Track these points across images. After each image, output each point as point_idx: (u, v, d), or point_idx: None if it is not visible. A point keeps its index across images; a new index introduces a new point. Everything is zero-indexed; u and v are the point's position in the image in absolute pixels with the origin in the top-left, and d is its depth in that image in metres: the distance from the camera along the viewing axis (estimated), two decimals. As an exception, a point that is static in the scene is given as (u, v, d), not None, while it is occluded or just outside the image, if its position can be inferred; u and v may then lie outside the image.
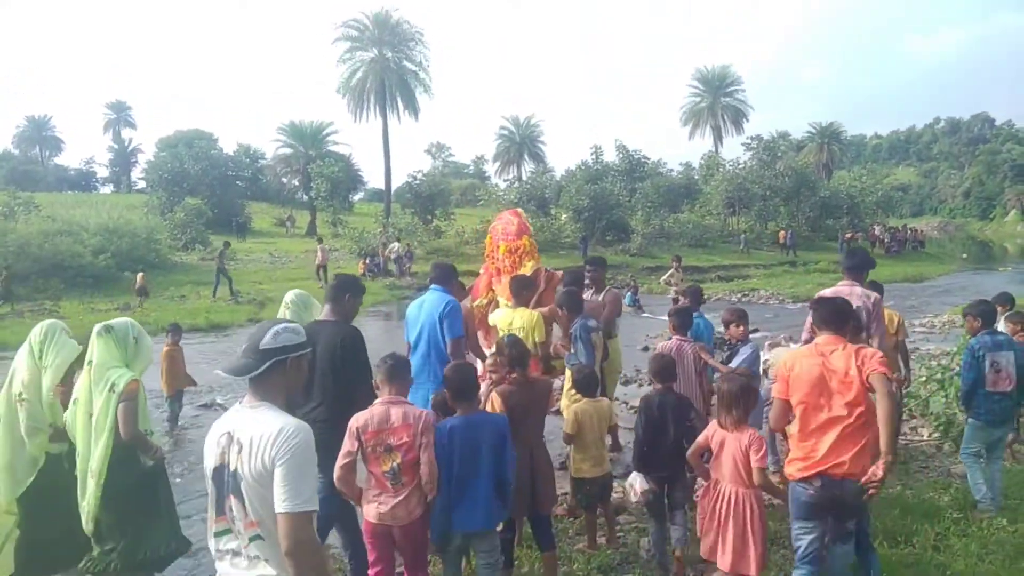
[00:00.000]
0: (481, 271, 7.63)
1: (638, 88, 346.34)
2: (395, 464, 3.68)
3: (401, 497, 3.71)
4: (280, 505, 2.35)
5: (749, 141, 56.01)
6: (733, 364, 5.75)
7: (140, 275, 21.22)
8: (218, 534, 2.55)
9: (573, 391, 5.53)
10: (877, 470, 3.64)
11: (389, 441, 3.68)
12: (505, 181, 63.52)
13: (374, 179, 59.93)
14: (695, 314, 6.63)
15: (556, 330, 6.30)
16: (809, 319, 4.31)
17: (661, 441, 4.63)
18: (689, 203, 45.97)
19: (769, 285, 26.17)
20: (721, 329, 6.64)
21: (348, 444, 3.69)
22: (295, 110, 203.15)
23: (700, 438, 4.22)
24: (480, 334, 6.91)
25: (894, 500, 5.66)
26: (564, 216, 38.01)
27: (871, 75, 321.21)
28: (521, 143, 70.91)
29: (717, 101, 63.97)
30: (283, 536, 2.35)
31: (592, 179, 42.86)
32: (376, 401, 3.81)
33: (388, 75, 46.01)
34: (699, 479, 4.63)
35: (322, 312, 4.67)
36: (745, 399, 4.12)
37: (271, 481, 2.37)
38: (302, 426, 2.47)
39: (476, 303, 7.39)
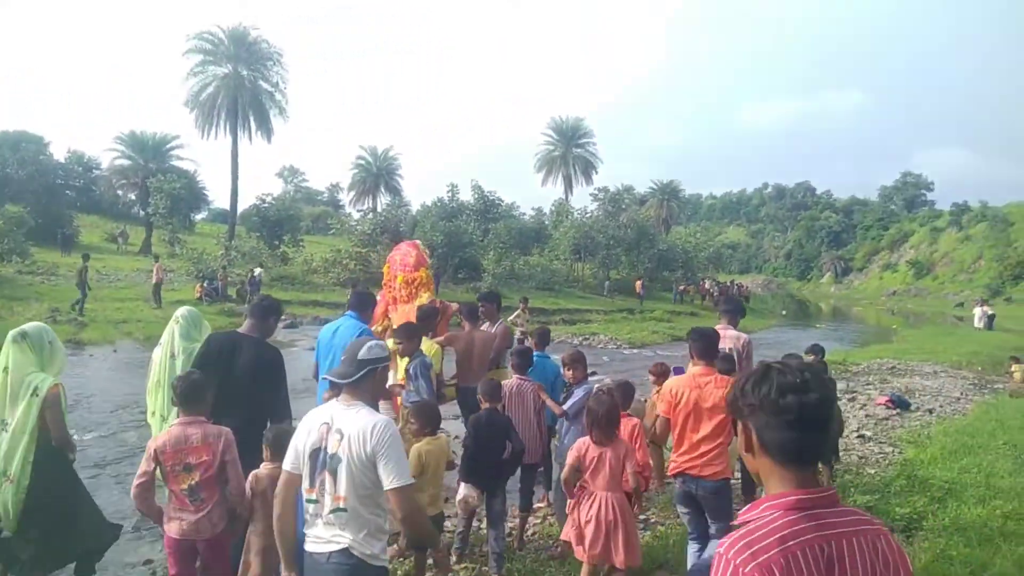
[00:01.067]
0: (378, 298, 7.77)
1: (497, 131, 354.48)
2: (193, 482, 3.87)
3: (202, 513, 3.90)
4: (389, 483, 2.91)
5: (597, 192, 58.65)
6: (567, 405, 5.94)
7: None
8: (309, 501, 3.09)
9: (413, 427, 5.56)
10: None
11: (188, 460, 3.87)
12: (359, 211, 62.71)
13: (220, 199, 57.11)
14: (540, 355, 6.81)
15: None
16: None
17: (486, 455, 5.08)
18: (539, 247, 47.22)
19: (608, 330, 27.26)
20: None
21: (145, 465, 3.87)
22: (136, 119, 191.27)
23: (572, 459, 4.61)
24: None
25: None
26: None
27: (709, 139, 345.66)
28: (378, 174, 70.34)
29: (569, 151, 66.22)
30: (396, 507, 2.95)
31: (447, 216, 43.21)
32: (174, 422, 4.00)
33: (241, 93, 44.35)
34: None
35: (243, 327, 4.92)
36: (612, 416, 4.65)
37: (371, 466, 2.93)
38: (390, 420, 3.08)
39: (372, 329, 7.42)
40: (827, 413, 1.59)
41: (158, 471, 3.88)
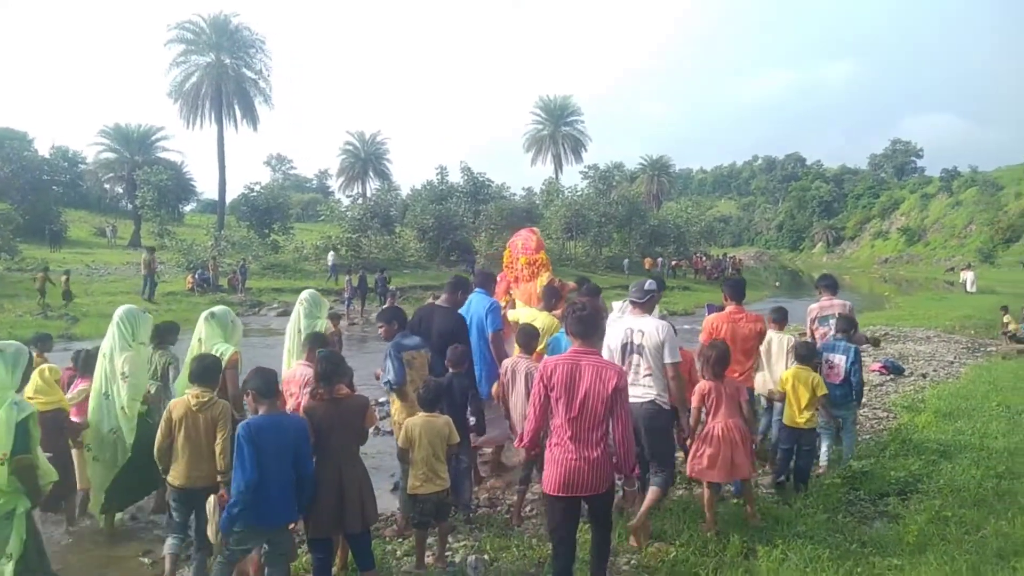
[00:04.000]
0: (498, 278, 8.48)
1: (485, 112, 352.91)
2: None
3: None
4: (668, 359, 5.01)
5: (587, 170, 58.57)
6: None
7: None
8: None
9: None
10: None
11: (292, 389, 5.22)
12: (349, 197, 62.47)
13: (208, 189, 56.54)
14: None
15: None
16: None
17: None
18: (530, 226, 46.97)
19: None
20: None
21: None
22: (121, 112, 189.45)
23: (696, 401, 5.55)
24: None
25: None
26: (410, 235, 37.96)
27: (698, 113, 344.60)
28: (366, 160, 70.02)
29: (558, 130, 66.01)
30: (669, 369, 5.01)
31: (437, 199, 43.04)
32: (296, 363, 5.42)
33: (225, 82, 44.01)
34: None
35: (440, 299, 6.43)
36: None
37: (660, 348, 5.01)
38: (667, 323, 5.27)
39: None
40: (594, 316, 4.04)
41: None
